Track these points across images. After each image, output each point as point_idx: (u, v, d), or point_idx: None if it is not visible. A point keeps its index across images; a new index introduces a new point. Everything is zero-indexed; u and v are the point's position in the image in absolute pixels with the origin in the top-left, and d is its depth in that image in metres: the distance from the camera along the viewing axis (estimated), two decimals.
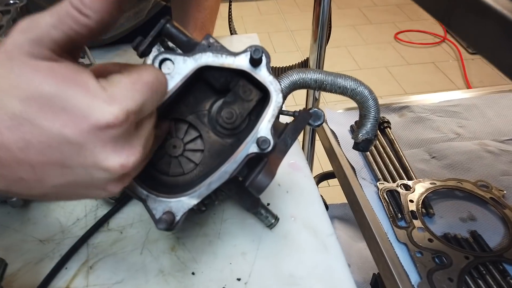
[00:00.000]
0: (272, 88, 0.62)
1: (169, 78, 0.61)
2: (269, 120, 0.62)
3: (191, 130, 0.70)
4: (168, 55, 0.61)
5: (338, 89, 0.87)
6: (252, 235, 0.83)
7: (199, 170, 0.68)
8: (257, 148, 0.62)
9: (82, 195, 0.49)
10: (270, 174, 0.60)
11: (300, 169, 0.97)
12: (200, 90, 0.68)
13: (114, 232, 0.85)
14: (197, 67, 0.61)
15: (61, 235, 0.84)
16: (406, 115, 1.30)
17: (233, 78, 0.65)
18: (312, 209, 0.88)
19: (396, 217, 0.99)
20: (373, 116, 0.89)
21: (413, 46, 3.88)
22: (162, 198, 0.62)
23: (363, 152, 0.91)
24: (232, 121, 0.66)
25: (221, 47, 0.62)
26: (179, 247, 0.81)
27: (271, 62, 0.63)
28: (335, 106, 1.31)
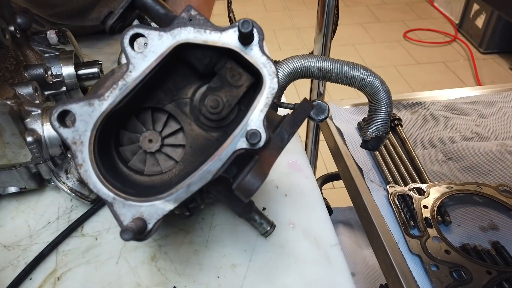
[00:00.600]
0: (266, 71, 0.52)
1: (141, 58, 0.51)
2: (261, 109, 0.52)
3: (171, 122, 0.59)
4: (140, 30, 0.51)
5: (345, 78, 0.77)
6: (244, 244, 0.73)
7: (180, 169, 0.58)
8: (246, 143, 0.51)
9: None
10: (260, 175, 0.50)
11: (301, 170, 0.86)
12: (180, 73, 0.57)
13: (88, 238, 0.75)
14: (175, 44, 0.51)
15: (29, 240, 0.75)
16: (419, 112, 1.19)
17: (219, 59, 0.55)
18: (313, 215, 0.78)
19: (408, 225, 0.88)
20: (385, 111, 0.78)
21: (423, 45, 3.76)
22: (131, 202, 0.52)
23: (373, 151, 0.80)
24: (218, 111, 0.56)
25: (204, 20, 0.52)
26: (161, 257, 0.71)
27: (265, 43, 0.53)
28: (342, 101, 1.20)
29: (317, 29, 1.09)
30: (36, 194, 0.82)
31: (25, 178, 0.78)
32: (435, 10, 4.33)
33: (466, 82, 3.35)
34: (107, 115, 0.52)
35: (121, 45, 0.51)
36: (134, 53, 0.51)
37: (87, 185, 0.52)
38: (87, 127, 0.51)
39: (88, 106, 0.51)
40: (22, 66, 0.86)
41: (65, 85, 0.92)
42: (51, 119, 0.51)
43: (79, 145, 0.51)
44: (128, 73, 0.51)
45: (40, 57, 0.91)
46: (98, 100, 0.51)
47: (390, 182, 0.96)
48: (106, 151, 0.56)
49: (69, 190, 0.74)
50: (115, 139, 0.59)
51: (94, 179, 0.52)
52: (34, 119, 0.76)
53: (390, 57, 3.62)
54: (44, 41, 0.92)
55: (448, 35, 3.89)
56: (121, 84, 0.51)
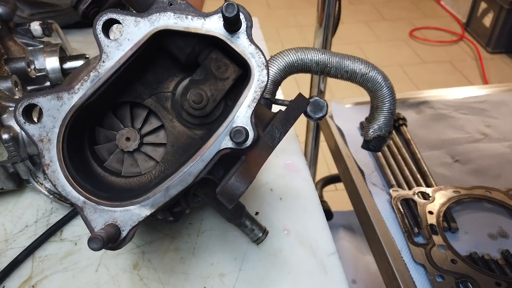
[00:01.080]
0: (254, 62, 0.46)
1: (115, 46, 0.46)
2: (248, 105, 0.46)
3: (151, 118, 0.54)
4: (114, 15, 0.45)
5: (345, 73, 0.71)
6: (234, 252, 0.67)
7: (160, 170, 0.53)
8: (231, 141, 0.46)
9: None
10: (246, 178, 0.44)
11: (297, 171, 0.81)
12: (161, 65, 0.52)
13: (67, 243, 0.70)
14: (154, 31, 0.46)
15: (4, 244, 0.70)
16: (425, 112, 1.13)
17: (203, 49, 0.49)
18: (310, 220, 0.72)
19: (412, 232, 0.82)
20: (388, 108, 0.72)
21: (429, 44, 3.68)
22: (104, 207, 0.46)
23: (375, 152, 0.75)
24: (201, 106, 0.50)
25: (186, 5, 0.46)
26: (143, 265, 0.66)
27: (267, 41, 0.47)
28: (343, 99, 1.15)
29: (317, 23, 1.04)
30: (15, 195, 0.77)
31: (2, 178, 0.73)
32: (441, 8, 4.25)
33: (473, 82, 3.27)
34: (78, 110, 0.46)
35: (93, 31, 0.46)
36: (108, 41, 0.46)
37: (55, 187, 0.47)
38: (55, 123, 0.46)
39: (57, 99, 0.46)
40: (3, 59, 0.81)
41: (49, 79, 0.87)
42: (15, 114, 0.46)
43: (46, 143, 0.46)
44: (101, 63, 0.46)
45: (23, 50, 0.86)
46: (68, 93, 0.46)
47: (393, 186, 0.91)
48: (78, 149, 0.51)
49: (47, 191, 0.69)
50: (90, 136, 0.53)
51: (63, 181, 0.47)
52: (11, 115, 0.71)
53: (395, 56, 3.54)
54: (27, 33, 0.87)
55: (455, 34, 3.81)
56: (93, 76, 0.46)
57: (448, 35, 3.82)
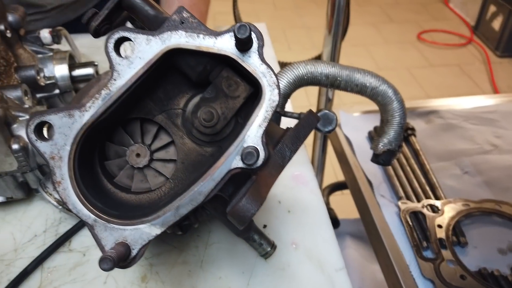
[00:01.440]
0: (265, 82, 0.46)
1: (127, 65, 0.46)
2: (259, 124, 0.46)
3: (162, 134, 0.54)
4: (126, 33, 0.45)
5: (355, 87, 0.70)
6: (242, 266, 0.67)
7: (170, 187, 0.53)
8: (242, 162, 0.46)
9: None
10: (257, 199, 0.44)
11: (305, 183, 0.80)
12: (172, 82, 0.52)
13: (76, 254, 0.70)
14: (165, 50, 0.45)
15: (13, 254, 0.70)
16: (434, 122, 1.12)
17: (214, 67, 0.49)
18: (318, 234, 0.72)
19: (421, 246, 0.81)
20: (398, 122, 0.72)
21: (437, 47, 3.66)
22: (114, 225, 0.46)
23: (384, 166, 0.74)
24: (212, 124, 0.50)
25: (198, 24, 0.46)
26: (151, 277, 0.66)
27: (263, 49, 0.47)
28: (351, 108, 1.14)
29: (326, 30, 1.03)
30: (24, 204, 0.78)
31: (11, 188, 0.73)
32: (450, 11, 4.21)
33: (481, 86, 3.24)
34: (89, 128, 0.46)
35: (105, 49, 0.46)
36: (119, 59, 0.46)
37: (66, 204, 0.47)
38: (67, 141, 0.46)
39: (68, 117, 0.46)
40: (13, 67, 0.82)
41: (58, 87, 0.87)
42: (27, 131, 0.46)
43: (57, 160, 0.46)
44: (112, 81, 0.46)
45: (32, 58, 0.86)
46: (79, 111, 0.46)
47: (401, 198, 0.90)
48: (88, 166, 0.51)
49: (56, 202, 0.69)
50: (100, 152, 0.53)
51: (74, 199, 0.47)
52: (21, 125, 0.71)
53: (403, 58, 3.52)
54: (37, 40, 0.88)
55: (464, 37, 3.78)
56: (104, 94, 0.46)
57: (456, 38, 3.79)
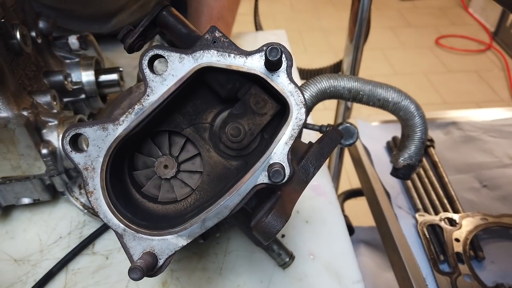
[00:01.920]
0: (293, 101, 0.47)
1: (160, 81, 0.47)
2: (286, 142, 0.47)
3: (188, 147, 0.55)
4: (160, 51, 0.47)
5: (377, 101, 0.71)
6: (260, 274, 0.69)
7: (195, 198, 0.54)
8: (268, 178, 0.47)
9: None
10: (282, 216, 0.45)
11: (324, 194, 0.81)
12: (201, 97, 0.53)
13: (99, 257, 0.72)
14: (197, 68, 0.47)
15: (39, 255, 0.73)
16: (453, 133, 1.11)
17: (243, 85, 0.50)
18: (336, 245, 0.73)
19: (437, 259, 0.82)
20: (419, 138, 0.72)
21: (456, 53, 3.61)
22: (143, 235, 0.48)
23: (403, 179, 0.74)
24: (239, 140, 0.51)
25: (229, 43, 0.48)
26: (172, 283, 0.68)
27: (295, 63, 0.48)
28: (369, 117, 1.14)
29: (347, 40, 1.03)
30: (49, 206, 0.80)
31: (38, 190, 0.76)
32: (469, 16, 4.16)
33: (500, 94, 3.20)
34: (122, 140, 0.48)
35: (139, 66, 0.48)
36: (153, 76, 0.47)
37: (97, 214, 0.49)
38: (100, 153, 0.48)
39: (102, 130, 0.48)
40: (42, 72, 0.84)
41: (84, 92, 0.90)
42: (62, 143, 0.48)
43: (90, 171, 0.48)
44: (146, 97, 0.47)
45: (60, 63, 0.89)
46: (113, 124, 0.48)
47: (419, 210, 0.90)
48: (118, 176, 0.53)
49: (81, 206, 0.71)
50: (129, 161, 0.55)
51: (105, 209, 0.48)
52: (51, 130, 0.73)
53: (420, 63, 3.49)
54: (65, 46, 0.90)
55: (483, 43, 3.73)
56: (137, 109, 0.47)
57: (475, 44, 3.74)
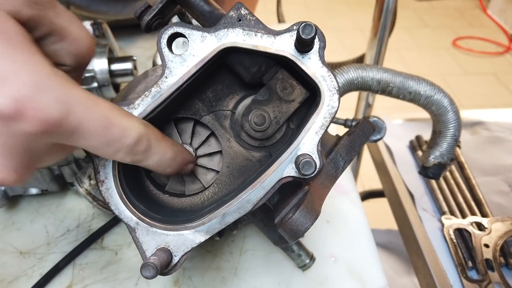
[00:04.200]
0: (325, 86, 0.43)
1: (180, 62, 0.43)
2: (316, 131, 0.43)
3: (211, 141, 0.51)
4: (180, 29, 0.43)
5: (408, 94, 0.66)
6: (278, 276, 0.64)
7: (213, 192, 0.50)
8: (295, 171, 0.43)
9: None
10: (312, 213, 0.41)
11: (346, 193, 0.77)
12: (222, 81, 0.49)
13: (108, 252, 0.68)
14: (220, 48, 0.43)
15: (46, 248, 0.69)
16: (480, 133, 1.06)
17: (269, 68, 0.46)
18: (359, 247, 0.68)
19: (465, 266, 0.76)
20: (452, 135, 0.67)
21: (473, 55, 3.53)
22: (157, 229, 0.44)
23: (433, 179, 0.69)
24: (263, 129, 0.47)
25: (256, 21, 0.43)
26: (184, 282, 0.64)
27: (324, 50, 0.44)
28: (391, 114, 1.09)
29: (371, 33, 0.99)
30: (58, 197, 0.77)
31: (47, 180, 0.72)
32: (488, 18, 4.07)
33: None
34: None
35: (157, 45, 0.44)
36: (172, 55, 0.43)
37: (108, 205, 0.45)
38: None
39: None
40: None
41: (97, 80, 0.86)
42: None
43: (102, 158, 0.44)
44: (164, 78, 0.43)
45: None
46: (127, 107, 0.44)
47: (445, 213, 0.85)
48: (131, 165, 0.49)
49: (91, 198, 0.68)
50: None
51: (117, 200, 0.45)
52: None
53: (436, 65, 3.42)
54: None
55: (501, 46, 3.64)
56: (154, 91, 0.43)
57: (493, 46, 3.65)
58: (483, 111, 1.11)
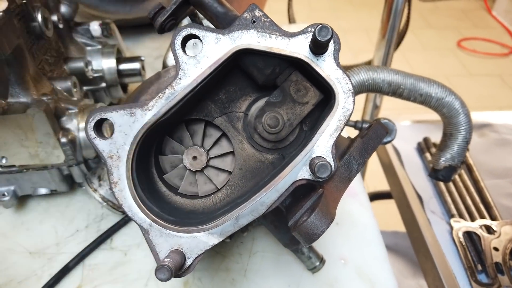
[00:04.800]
0: (340, 88, 0.43)
1: (193, 63, 0.43)
2: (330, 134, 0.43)
3: (223, 142, 0.51)
4: (194, 30, 0.43)
5: (419, 96, 0.66)
6: (288, 278, 0.64)
7: (225, 194, 0.50)
8: (309, 173, 0.43)
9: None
10: (327, 216, 0.41)
11: (355, 195, 0.76)
12: (235, 83, 0.49)
13: (117, 253, 0.68)
14: (235, 50, 0.43)
15: (55, 248, 0.69)
16: (488, 136, 1.05)
17: (283, 70, 0.46)
18: (369, 250, 0.68)
19: (475, 269, 0.76)
20: (463, 137, 0.67)
21: (478, 56, 3.52)
22: (170, 231, 0.44)
23: (443, 182, 0.69)
24: (276, 131, 0.47)
25: (270, 23, 0.43)
26: (194, 283, 0.64)
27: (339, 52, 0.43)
28: (399, 116, 1.09)
29: (380, 35, 0.98)
30: (67, 197, 0.77)
31: (56, 180, 0.72)
32: (492, 19, 4.05)
33: None
34: (150, 128, 0.44)
35: (171, 46, 0.43)
36: (186, 57, 0.43)
37: (121, 206, 0.45)
38: (126, 140, 0.44)
39: (130, 116, 0.44)
40: (62, 58, 0.81)
41: (105, 80, 0.86)
42: (86, 128, 0.44)
43: (116, 160, 0.44)
44: (178, 80, 0.43)
45: (81, 50, 0.86)
46: (141, 109, 0.44)
47: (454, 216, 0.85)
48: (144, 167, 0.49)
49: (100, 198, 0.68)
50: (156, 149, 0.51)
51: (130, 201, 0.44)
52: (70, 118, 0.70)
53: (441, 66, 3.41)
54: (87, 33, 0.87)
55: (506, 47, 3.62)
56: (168, 93, 0.43)
57: (498, 48, 3.63)
58: (491, 113, 1.11)
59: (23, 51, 0.65)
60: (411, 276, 1.27)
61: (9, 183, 0.71)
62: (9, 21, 0.58)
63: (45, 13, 0.72)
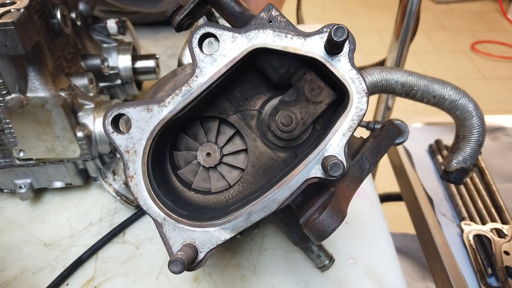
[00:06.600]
0: (354, 88, 0.43)
1: (210, 62, 0.44)
2: (343, 133, 0.43)
3: (236, 140, 0.52)
4: (211, 29, 0.43)
5: (433, 98, 0.66)
6: (297, 276, 0.65)
7: (238, 190, 0.51)
8: (322, 172, 0.43)
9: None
10: (338, 214, 0.41)
11: (365, 195, 0.76)
12: (250, 81, 0.50)
13: (130, 246, 0.70)
14: (251, 49, 0.43)
15: (69, 240, 0.71)
16: (501, 139, 1.04)
17: (298, 69, 0.47)
18: (378, 250, 0.68)
19: (485, 272, 0.76)
20: (476, 140, 0.66)
21: (492, 59, 3.47)
22: (183, 225, 0.45)
23: (455, 184, 0.69)
24: (290, 129, 0.47)
25: (286, 23, 0.44)
26: (204, 278, 0.64)
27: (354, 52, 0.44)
28: (411, 118, 1.08)
29: (393, 36, 0.98)
30: (81, 191, 0.79)
31: (71, 174, 0.74)
32: (507, 22, 4.00)
33: None
34: (166, 123, 0.45)
35: (188, 44, 0.44)
36: (203, 55, 0.44)
37: (136, 200, 0.46)
38: (143, 135, 0.45)
39: (146, 111, 0.45)
40: (79, 55, 0.83)
41: (121, 77, 0.88)
42: (104, 123, 0.46)
43: (132, 154, 0.45)
44: (194, 78, 0.44)
45: (98, 47, 0.87)
46: (158, 105, 0.45)
47: (464, 219, 0.84)
48: (159, 162, 0.50)
49: (114, 192, 0.69)
50: (171, 145, 0.52)
51: (145, 195, 0.45)
52: (87, 113, 0.71)
53: (454, 69, 3.37)
54: (103, 30, 0.89)
55: None
56: (184, 90, 0.44)
57: None
58: (505, 117, 1.10)
59: (42, 47, 0.67)
60: (420, 279, 1.26)
61: (26, 176, 0.73)
62: (30, 17, 0.59)
63: (64, 10, 0.74)
